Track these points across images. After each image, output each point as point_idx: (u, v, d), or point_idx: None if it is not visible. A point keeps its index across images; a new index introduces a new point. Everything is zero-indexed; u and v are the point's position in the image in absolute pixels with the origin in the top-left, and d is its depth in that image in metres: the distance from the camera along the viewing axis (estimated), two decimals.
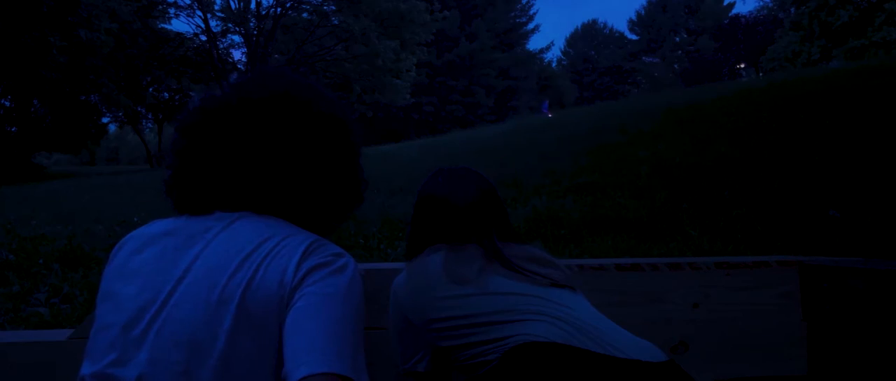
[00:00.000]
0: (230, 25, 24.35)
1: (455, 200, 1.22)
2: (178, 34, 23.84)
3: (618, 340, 0.95)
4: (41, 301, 2.79)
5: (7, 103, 18.27)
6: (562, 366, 0.89)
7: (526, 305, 1.01)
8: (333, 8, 23.08)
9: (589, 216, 3.95)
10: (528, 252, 1.16)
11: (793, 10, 25.14)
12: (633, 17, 50.31)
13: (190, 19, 23.89)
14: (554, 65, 51.63)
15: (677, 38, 46.47)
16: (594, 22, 53.41)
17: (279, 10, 24.01)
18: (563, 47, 54.81)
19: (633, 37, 50.47)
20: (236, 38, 25.03)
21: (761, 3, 42.48)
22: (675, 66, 45.23)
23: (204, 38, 24.30)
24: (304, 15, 24.66)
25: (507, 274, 1.09)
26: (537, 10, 42.84)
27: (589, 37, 52.85)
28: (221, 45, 24.82)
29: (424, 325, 1.08)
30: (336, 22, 23.06)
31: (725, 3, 44.89)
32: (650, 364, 0.90)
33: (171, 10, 22.80)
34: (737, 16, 40.37)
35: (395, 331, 1.17)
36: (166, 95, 25.94)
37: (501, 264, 1.11)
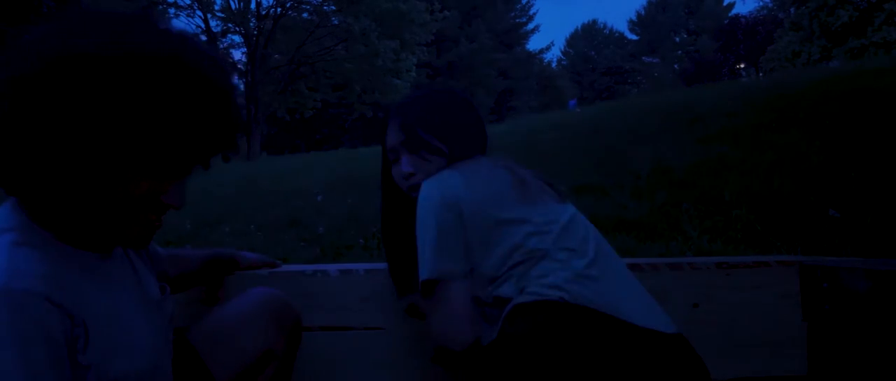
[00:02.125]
0: (230, 25, 24.33)
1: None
2: None
3: (634, 300, 1.00)
4: None
5: None
6: (586, 333, 0.89)
7: (567, 241, 1.03)
8: (333, 8, 23.07)
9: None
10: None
11: (793, 10, 25.12)
12: (633, 18, 50.29)
13: (190, 19, 23.79)
14: (554, 65, 51.64)
15: (677, 39, 46.43)
16: (594, 22, 53.36)
17: (279, 10, 24.00)
18: (563, 47, 54.81)
19: (633, 37, 50.42)
20: (236, 38, 24.99)
21: (761, 3, 42.48)
22: (675, 66, 45.21)
23: (204, 38, 24.29)
24: (304, 15, 24.65)
25: (553, 196, 1.14)
26: (537, 11, 42.92)
27: (589, 37, 52.79)
28: (221, 46, 24.77)
29: (488, 226, 1.04)
30: (336, 22, 23.05)
31: (725, 3, 44.86)
32: (664, 336, 0.92)
33: (171, 10, 22.79)
34: (737, 16, 40.34)
35: (434, 229, 1.05)
36: None
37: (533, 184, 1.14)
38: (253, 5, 24.48)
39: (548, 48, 72.38)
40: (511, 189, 1.09)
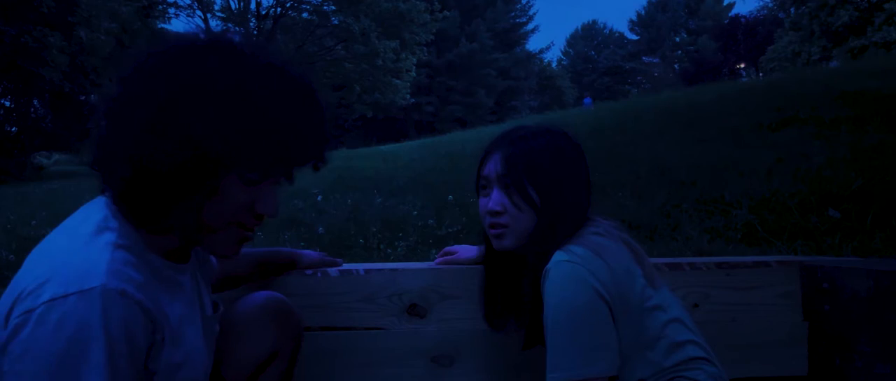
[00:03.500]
0: (230, 25, 24.31)
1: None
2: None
3: None
4: None
5: (7, 103, 18.26)
6: None
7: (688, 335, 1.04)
8: (333, 8, 23.06)
9: None
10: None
11: (793, 10, 25.11)
12: (633, 18, 50.30)
13: (190, 19, 23.79)
14: (554, 65, 51.60)
15: (677, 38, 46.42)
16: (594, 22, 53.36)
17: (279, 10, 24.00)
18: (563, 47, 54.81)
19: (633, 37, 50.43)
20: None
21: (761, 3, 42.47)
22: (675, 66, 45.20)
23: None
24: (304, 15, 24.64)
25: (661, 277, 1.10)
26: (537, 11, 42.82)
27: (589, 37, 52.79)
28: None
29: (635, 317, 0.97)
30: (336, 22, 23.04)
31: (725, 3, 44.86)
32: None
33: (171, 10, 22.78)
34: (737, 16, 40.33)
35: (584, 323, 0.93)
36: None
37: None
38: (253, 5, 24.51)
39: (548, 48, 72.15)
40: (636, 265, 1.01)
